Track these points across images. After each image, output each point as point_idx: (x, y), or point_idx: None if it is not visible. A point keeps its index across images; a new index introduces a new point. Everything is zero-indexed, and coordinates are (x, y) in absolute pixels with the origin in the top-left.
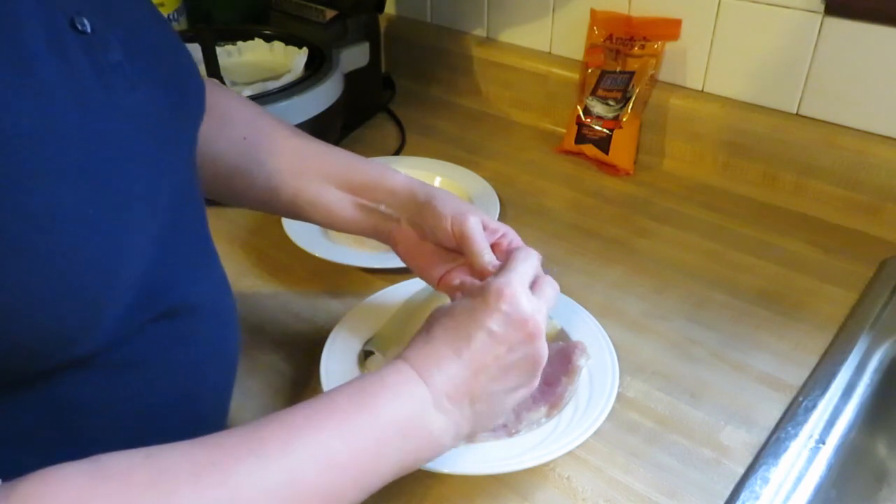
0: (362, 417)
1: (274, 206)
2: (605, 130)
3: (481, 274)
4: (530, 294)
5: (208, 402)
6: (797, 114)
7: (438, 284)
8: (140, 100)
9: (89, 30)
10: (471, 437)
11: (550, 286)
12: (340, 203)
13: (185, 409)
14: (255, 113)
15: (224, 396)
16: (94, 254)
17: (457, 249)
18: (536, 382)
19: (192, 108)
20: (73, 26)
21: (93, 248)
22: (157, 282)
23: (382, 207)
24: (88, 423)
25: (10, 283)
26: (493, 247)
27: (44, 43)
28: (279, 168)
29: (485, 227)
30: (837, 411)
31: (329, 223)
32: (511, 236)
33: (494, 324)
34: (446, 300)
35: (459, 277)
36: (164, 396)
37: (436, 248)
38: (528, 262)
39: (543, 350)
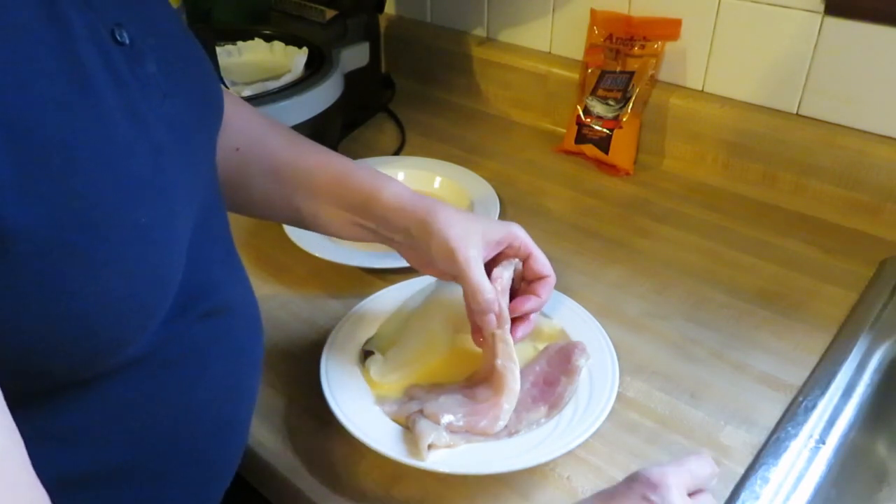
0: None
1: (276, 219)
2: (605, 130)
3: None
4: (685, 497)
5: (238, 400)
6: (797, 114)
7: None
8: (173, 110)
9: (127, 41)
10: None
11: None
12: (339, 221)
13: (218, 408)
14: (248, 119)
15: (251, 396)
16: (149, 260)
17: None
18: None
19: (214, 114)
20: (114, 38)
21: (149, 255)
22: (197, 284)
23: (379, 230)
24: (131, 421)
25: (79, 291)
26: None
27: (95, 57)
28: (273, 186)
29: (507, 246)
30: (837, 411)
31: (334, 236)
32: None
33: None
34: (445, 301)
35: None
36: (200, 394)
37: None
38: (701, 466)
39: None
